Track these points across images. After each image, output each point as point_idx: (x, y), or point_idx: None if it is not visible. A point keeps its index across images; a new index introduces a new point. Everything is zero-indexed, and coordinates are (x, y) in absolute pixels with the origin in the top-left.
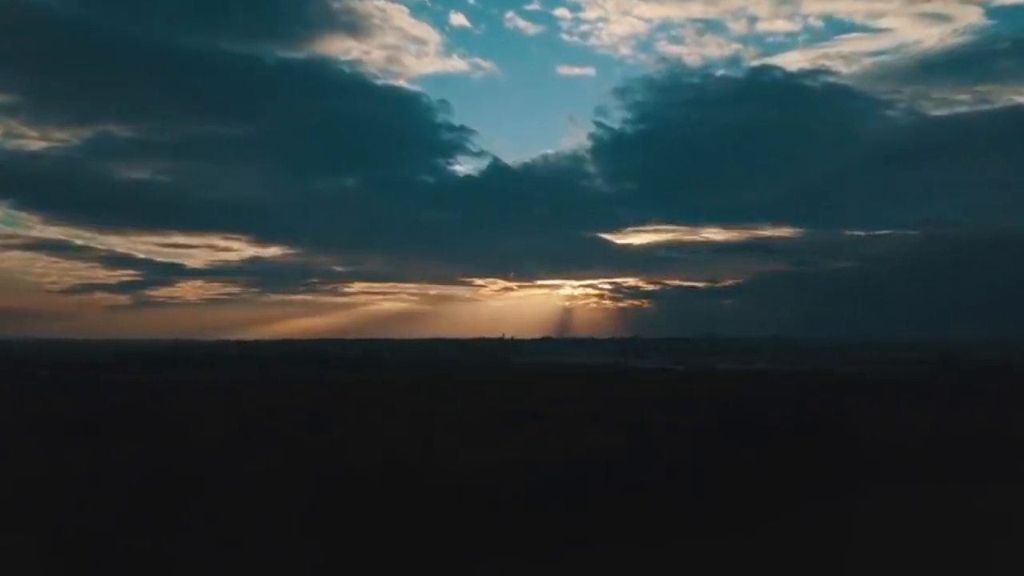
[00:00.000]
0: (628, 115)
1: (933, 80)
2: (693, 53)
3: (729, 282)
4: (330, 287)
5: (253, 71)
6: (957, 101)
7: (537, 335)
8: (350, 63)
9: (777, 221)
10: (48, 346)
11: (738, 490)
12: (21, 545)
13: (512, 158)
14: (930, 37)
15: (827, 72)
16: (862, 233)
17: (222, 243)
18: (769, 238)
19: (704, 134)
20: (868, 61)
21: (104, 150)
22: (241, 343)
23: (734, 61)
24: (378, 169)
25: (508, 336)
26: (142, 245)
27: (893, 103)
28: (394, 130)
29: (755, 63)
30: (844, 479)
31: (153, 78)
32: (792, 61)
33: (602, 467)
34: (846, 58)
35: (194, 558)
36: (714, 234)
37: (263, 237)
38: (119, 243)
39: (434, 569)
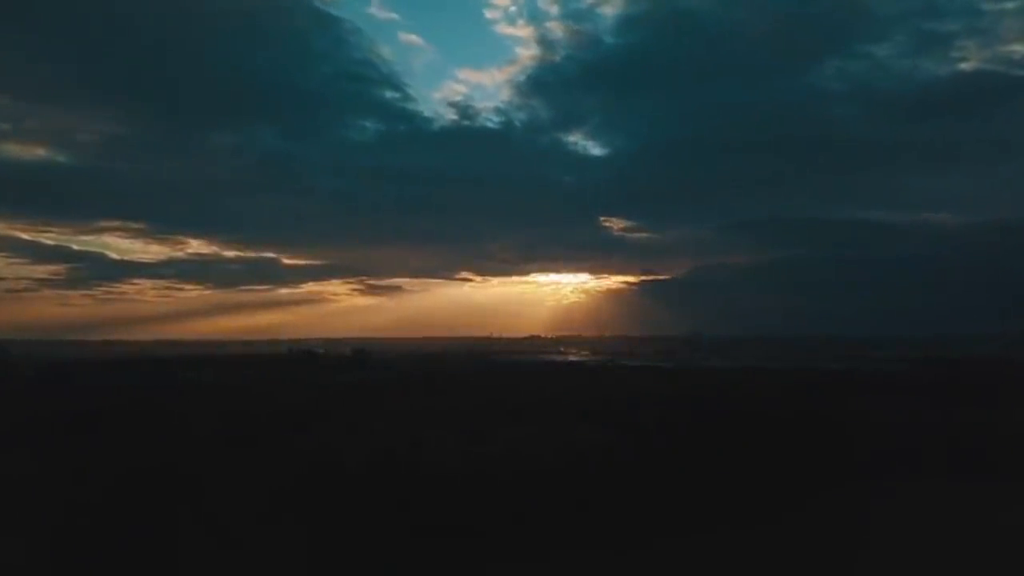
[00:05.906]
0: (613, 10)
1: None
2: None
3: (731, 273)
4: (272, 284)
5: None
6: None
7: (524, 333)
8: None
9: (801, 195)
10: None
11: (730, 488)
12: (18, 545)
13: (466, 75)
14: None
15: None
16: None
17: (119, 225)
18: (789, 220)
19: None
20: None
21: None
22: (197, 342)
23: None
24: (303, 112)
25: (495, 335)
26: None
27: None
28: (315, 47)
29: None
30: (837, 475)
31: None
32: None
33: (592, 464)
34: None
35: (190, 555)
36: (717, 213)
37: (182, 227)
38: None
39: (425, 566)
